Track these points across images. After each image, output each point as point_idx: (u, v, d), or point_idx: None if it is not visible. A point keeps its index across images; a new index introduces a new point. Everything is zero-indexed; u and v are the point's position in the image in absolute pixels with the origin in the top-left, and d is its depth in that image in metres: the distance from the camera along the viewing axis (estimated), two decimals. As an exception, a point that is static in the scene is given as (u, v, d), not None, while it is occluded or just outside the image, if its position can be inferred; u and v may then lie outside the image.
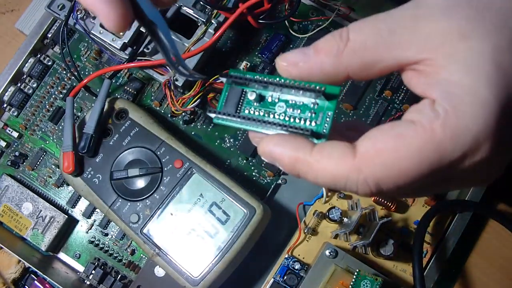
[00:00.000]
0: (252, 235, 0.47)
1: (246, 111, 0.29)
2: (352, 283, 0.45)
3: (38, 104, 0.58)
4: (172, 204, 0.49)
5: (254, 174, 0.55)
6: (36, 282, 0.54)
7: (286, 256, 0.51)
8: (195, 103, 0.51)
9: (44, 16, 0.58)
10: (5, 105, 0.58)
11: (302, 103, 0.28)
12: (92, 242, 0.55)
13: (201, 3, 0.53)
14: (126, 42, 0.52)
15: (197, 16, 0.53)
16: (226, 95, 0.30)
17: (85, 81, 0.53)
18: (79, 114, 0.57)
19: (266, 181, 0.55)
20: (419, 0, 0.26)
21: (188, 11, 0.53)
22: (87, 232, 0.56)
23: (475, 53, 0.24)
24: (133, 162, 0.50)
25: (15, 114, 0.58)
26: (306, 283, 0.48)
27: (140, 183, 0.50)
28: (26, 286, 0.55)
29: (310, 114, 0.28)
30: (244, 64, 0.56)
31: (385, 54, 0.26)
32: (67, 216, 0.54)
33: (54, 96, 0.58)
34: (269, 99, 0.29)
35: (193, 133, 0.57)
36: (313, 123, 0.28)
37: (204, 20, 0.52)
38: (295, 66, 0.28)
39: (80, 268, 0.55)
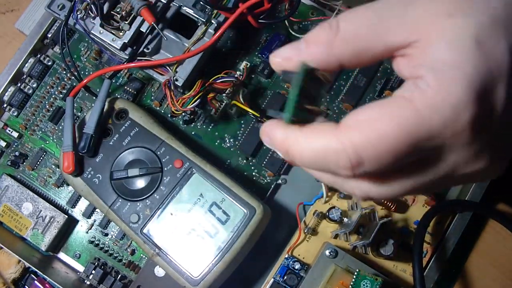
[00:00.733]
0: (252, 235, 0.47)
1: None
2: (352, 283, 0.45)
3: (38, 104, 0.58)
4: (172, 204, 0.49)
5: (254, 174, 0.55)
6: (36, 282, 0.54)
7: (286, 256, 0.51)
8: (195, 103, 0.51)
9: (44, 16, 0.58)
10: (5, 105, 0.58)
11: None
12: (92, 242, 0.55)
13: (201, 3, 0.53)
14: (126, 42, 0.52)
15: (197, 16, 0.53)
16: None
17: (85, 81, 0.53)
18: (79, 114, 0.57)
19: (266, 181, 0.55)
20: None
21: (188, 11, 0.53)
22: (87, 232, 0.56)
23: (458, 29, 0.25)
24: (133, 162, 0.50)
25: (15, 114, 0.58)
26: (306, 283, 0.48)
27: (140, 183, 0.50)
28: (26, 286, 0.55)
29: None
30: (244, 64, 0.56)
31: (375, 41, 0.26)
32: (67, 216, 0.54)
33: (54, 96, 0.58)
34: None
35: (193, 133, 0.57)
36: None
37: (204, 20, 0.52)
38: (289, 60, 0.28)
39: (80, 268, 0.55)
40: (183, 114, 0.55)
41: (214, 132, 0.56)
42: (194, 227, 0.48)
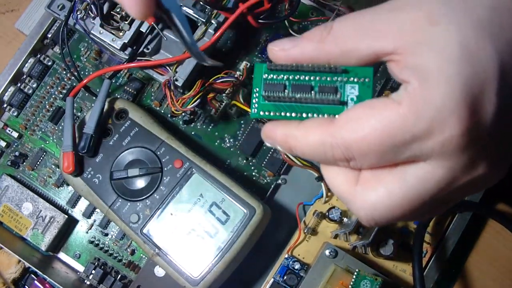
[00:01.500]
0: (252, 235, 0.47)
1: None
2: (352, 283, 0.45)
3: (38, 104, 0.58)
4: (172, 204, 0.49)
5: (254, 174, 0.55)
6: (36, 282, 0.54)
7: (286, 256, 0.51)
8: (195, 103, 0.51)
9: (44, 16, 0.58)
10: (5, 105, 0.58)
11: None
12: (92, 242, 0.55)
13: (201, 3, 0.53)
14: (126, 42, 0.52)
15: (197, 16, 0.52)
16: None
17: (85, 81, 0.53)
18: (79, 114, 0.57)
19: (266, 181, 0.55)
20: None
21: (188, 11, 0.53)
22: (87, 232, 0.56)
23: (441, 35, 0.25)
24: (133, 162, 0.50)
25: (15, 114, 0.58)
26: (306, 283, 0.48)
27: (140, 183, 0.50)
28: (26, 286, 0.55)
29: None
30: (244, 64, 0.56)
31: (360, 43, 0.28)
32: (67, 216, 0.54)
33: (54, 96, 0.58)
34: None
35: (193, 133, 0.57)
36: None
37: (204, 20, 0.52)
38: (284, 51, 0.30)
39: (80, 268, 0.55)
40: (183, 114, 0.55)
41: (214, 132, 0.56)
42: (194, 227, 0.48)
